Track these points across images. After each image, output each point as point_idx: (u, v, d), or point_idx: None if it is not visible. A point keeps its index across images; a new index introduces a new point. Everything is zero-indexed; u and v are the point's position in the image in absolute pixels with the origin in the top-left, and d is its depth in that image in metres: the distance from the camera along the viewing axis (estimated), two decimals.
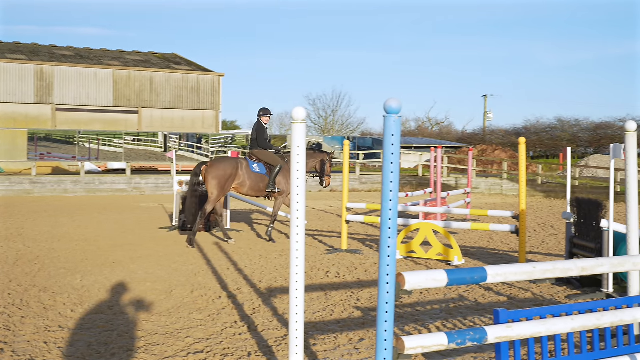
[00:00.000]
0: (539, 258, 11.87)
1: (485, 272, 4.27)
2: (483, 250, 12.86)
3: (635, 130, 6.58)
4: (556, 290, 9.05)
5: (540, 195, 29.04)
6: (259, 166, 13.69)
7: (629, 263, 5.02)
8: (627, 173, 6.60)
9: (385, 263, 3.97)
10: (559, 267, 4.56)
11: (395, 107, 3.96)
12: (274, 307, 7.93)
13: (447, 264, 10.98)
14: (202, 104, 47.75)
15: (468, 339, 4.18)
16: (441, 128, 78.03)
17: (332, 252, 12.11)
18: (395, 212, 4.00)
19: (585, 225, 9.36)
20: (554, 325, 4.56)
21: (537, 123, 64.51)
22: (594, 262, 4.77)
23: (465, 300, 8.42)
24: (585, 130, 60.56)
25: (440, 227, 11.41)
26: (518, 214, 10.70)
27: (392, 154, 3.99)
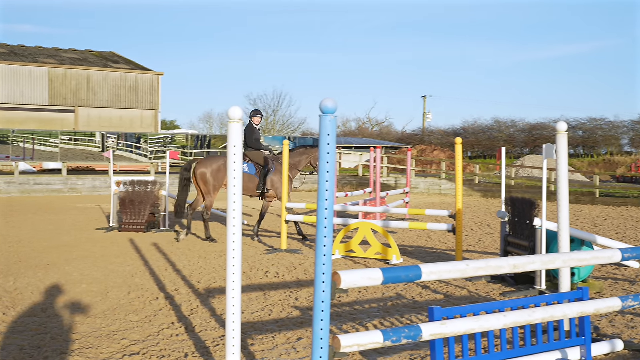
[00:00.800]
0: (475, 256, 12.07)
1: (420, 271, 4.33)
2: (421, 249, 13.01)
3: (566, 131, 6.75)
4: (491, 288, 9.22)
5: (477, 194, 29.52)
6: (249, 166, 13.79)
7: (559, 260, 5.15)
8: (558, 173, 6.77)
9: (321, 262, 4.00)
10: (492, 265, 4.66)
11: (331, 107, 3.97)
12: (213, 307, 7.88)
13: (386, 262, 11.08)
14: (140, 103, 47.13)
15: (403, 336, 4.24)
16: (381, 128, 78.63)
17: (271, 252, 12.10)
18: (331, 211, 4.02)
19: (519, 224, 9.56)
20: (486, 322, 4.66)
21: (475, 124, 65.57)
22: (525, 259, 4.88)
23: (403, 298, 8.51)
24: (521, 131, 61.78)
25: (379, 226, 11.50)
26: (455, 213, 10.86)
27: (328, 154, 4.01)
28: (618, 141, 59.69)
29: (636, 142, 58.44)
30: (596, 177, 27.25)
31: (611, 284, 9.57)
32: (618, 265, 10.79)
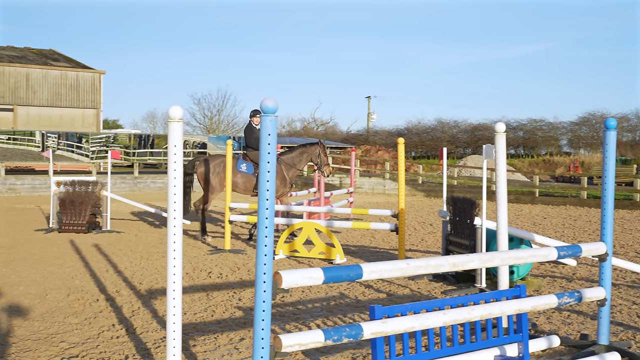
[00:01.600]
0: (418, 255, 12.20)
1: (361, 270, 4.35)
2: (365, 248, 13.10)
3: (504, 131, 6.87)
4: (433, 286, 9.33)
5: (421, 194, 29.84)
6: (248, 166, 13.84)
7: (497, 259, 5.24)
8: (497, 173, 6.88)
9: (262, 262, 3.99)
10: (432, 264, 4.72)
11: (272, 106, 3.98)
12: (154, 308, 7.80)
13: (330, 262, 11.12)
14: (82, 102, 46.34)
15: (344, 335, 4.26)
16: (326, 128, 78.83)
17: (215, 252, 12.03)
18: (272, 211, 4.02)
19: (460, 223, 9.71)
20: (426, 319, 4.71)
21: (419, 124, 66.25)
22: (464, 258, 4.96)
23: (346, 297, 8.56)
24: (463, 132, 62.69)
25: (323, 226, 11.53)
26: (398, 213, 10.96)
27: (269, 154, 4.01)
28: (557, 142, 61.04)
29: (574, 143, 59.85)
30: (536, 177, 27.81)
31: (549, 281, 9.78)
32: (556, 263, 11.04)
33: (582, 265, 11.02)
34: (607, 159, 6.02)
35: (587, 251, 5.83)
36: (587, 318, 7.55)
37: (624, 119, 57.12)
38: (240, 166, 13.83)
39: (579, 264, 11.04)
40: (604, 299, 5.89)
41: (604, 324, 6.02)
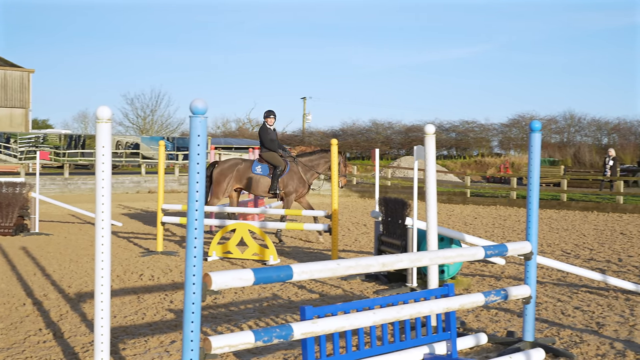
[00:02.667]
0: (351, 255, 12.29)
1: (291, 270, 4.37)
2: (299, 249, 13.13)
3: (434, 133, 6.99)
4: (365, 286, 9.42)
5: (355, 195, 30.05)
6: (263, 168, 13.88)
7: (426, 258, 5.33)
8: (427, 173, 6.99)
9: (191, 264, 3.97)
10: (362, 264, 4.77)
11: (201, 107, 3.96)
12: (83, 312, 7.66)
13: (263, 263, 11.11)
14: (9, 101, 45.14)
15: (274, 336, 4.27)
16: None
17: (147, 254, 11.88)
18: (201, 212, 4.01)
19: (392, 224, 9.82)
20: (357, 319, 4.75)
21: (354, 125, 66.64)
22: (394, 258, 5.02)
23: (278, 298, 8.56)
24: (397, 133, 63.36)
25: (257, 227, 11.51)
26: (331, 214, 11.03)
27: (199, 155, 3.99)
28: (488, 143, 62.21)
29: (505, 144, 61.11)
30: (467, 178, 28.32)
31: (479, 280, 9.98)
32: (485, 262, 11.27)
33: (511, 264, 11.27)
34: (532, 160, 6.17)
35: (513, 250, 5.97)
36: (514, 315, 7.73)
37: (552, 121, 58.64)
38: (255, 168, 13.96)
39: (508, 263, 11.29)
40: (529, 296, 6.05)
41: (529, 321, 6.18)
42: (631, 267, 11.08)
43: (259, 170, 13.90)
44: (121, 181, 30.39)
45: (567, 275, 10.22)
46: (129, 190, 29.81)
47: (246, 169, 13.98)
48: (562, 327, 7.23)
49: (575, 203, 23.60)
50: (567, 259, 11.76)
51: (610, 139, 55.65)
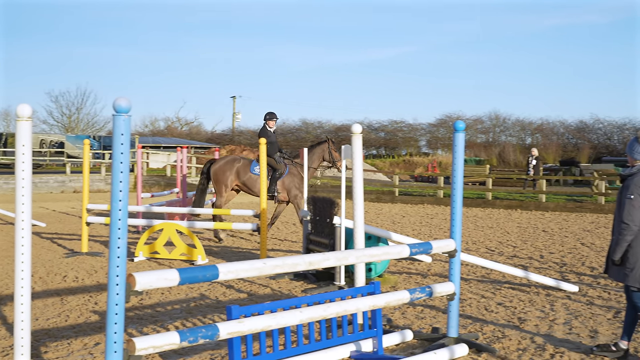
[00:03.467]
0: (280, 255, 12.29)
1: (217, 270, 4.35)
2: (227, 249, 13.06)
3: (361, 132, 7.05)
4: (294, 285, 9.44)
5: None
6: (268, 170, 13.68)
7: (352, 256, 5.38)
8: (354, 172, 7.05)
9: (114, 264, 3.92)
10: (288, 263, 4.78)
11: (125, 106, 3.91)
12: (3, 315, 7.46)
13: (191, 263, 11.01)
14: None
15: (200, 336, 4.24)
16: (191, 128, 77.83)
17: (71, 255, 11.64)
18: (125, 212, 3.95)
19: (320, 222, 9.87)
20: (283, 318, 4.77)
21: (284, 125, 66.62)
22: (320, 256, 5.06)
23: (206, 298, 8.51)
24: (327, 132, 63.58)
25: (184, 227, 11.41)
26: (260, 213, 11.01)
27: (122, 154, 3.94)
28: (417, 142, 63.11)
29: (433, 144, 62.10)
30: (396, 177, 28.66)
31: (405, 277, 10.12)
32: (412, 260, 11.43)
33: (437, 261, 11.46)
34: (456, 159, 6.30)
35: (438, 248, 6.08)
36: (439, 312, 7.87)
37: (478, 121, 59.84)
38: (254, 169, 13.88)
39: (434, 260, 11.48)
40: (453, 293, 6.17)
41: (453, 317, 6.31)
42: (552, 264, 11.41)
43: (257, 171, 13.80)
44: (45, 180, 29.66)
45: (491, 272, 10.45)
46: (53, 190, 29.12)
47: (245, 168, 13.92)
48: (485, 322, 7.40)
49: (500, 201, 24.14)
50: (491, 256, 12.03)
51: (534, 139, 57.14)
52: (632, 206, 5.83)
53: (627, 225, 5.83)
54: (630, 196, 5.85)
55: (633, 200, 5.83)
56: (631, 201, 5.84)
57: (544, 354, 6.24)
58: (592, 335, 6.89)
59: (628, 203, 5.85)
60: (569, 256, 12.20)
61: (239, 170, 13.91)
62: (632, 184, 5.89)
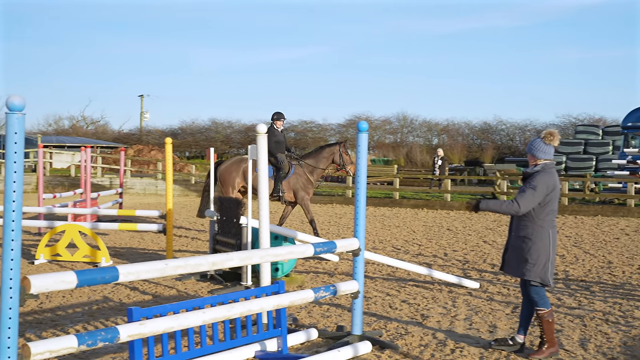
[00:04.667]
0: (187, 256, 12.16)
1: (117, 271, 4.28)
2: (133, 250, 12.84)
3: (266, 132, 7.06)
4: (200, 286, 9.37)
5: (194, 194, 29.72)
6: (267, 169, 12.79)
7: (257, 256, 5.38)
8: (259, 172, 7.06)
9: (8, 267, 3.80)
10: (191, 263, 4.74)
11: (18, 104, 3.80)
12: None
13: (95, 265, 10.77)
14: None
15: (100, 339, 4.16)
16: (97, 127, 76.03)
17: None
18: (19, 213, 3.84)
19: (227, 223, 9.82)
20: (186, 319, 4.73)
21: (193, 124, 65.91)
22: (224, 257, 5.04)
23: (110, 301, 8.34)
24: (237, 132, 63.34)
25: (87, 228, 11.15)
26: (165, 213, 10.87)
27: (16, 153, 3.83)
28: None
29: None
30: None
31: (313, 277, 10.19)
32: (320, 260, 11.51)
33: (345, 260, 11.58)
34: (359, 159, 6.38)
35: (342, 247, 6.15)
36: (344, 310, 7.96)
37: (386, 122, 60.75)
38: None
39: (342, 259, 11.60)
40: (357, 291, 6.25)
41: (357, 315, 6.39)
42: (455, 261, 11.71)
43: None
44: None
45: (397, 270, 10.63)
46: None
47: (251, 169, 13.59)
48: (389, 320, 7.53)
49: (407, 201, 24.58)
50: (397, 255, 12.25)
51: (440, 140, 58.42)
52: (533, 195, 6.04)
53: (517, 207, 6.02)
54: (535, 186, 6.05)
55: (535, 191, 6.04)
56: (533, 191, 6.04)
57: (445, 349, 6.40)
58: (491, 330, 7.12)
59: (530, 192, 6.04)
60: (472, 254, 12.55)
61: (245, 170, 13.68)
62: (538, 178, 6.10)
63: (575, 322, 7.45)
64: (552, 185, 6.13)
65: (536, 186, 6.05)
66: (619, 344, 6.62)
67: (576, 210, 20.85)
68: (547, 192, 6.09)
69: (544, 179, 6.10)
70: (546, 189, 6.08)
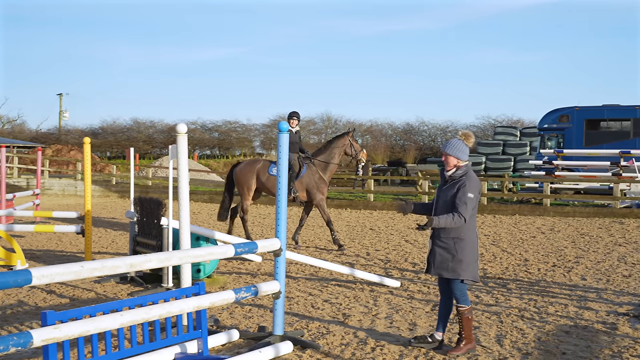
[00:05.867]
0: (107, 257, 11.92)
1: (30, 274, 4.16)
2: (50, 252, 12.50)
3: (186, 132, 6.99)
4: (120, 289, 9.20)
5: (115, 195, 29.19)
6: None
7: (176, 257, 5.31)
8: (179, 173, 6.98)
9: None
10: (107, 265, 4.65)
11: None
12: None
13: (10, 268, 10.44)
14: None
15: (12, 344, 4.04)
16: (13, 126, 73.79)
17: None
18: None
19: (148, 224, 9.68)
20: (103, 322, 4.63)
21: (114, 124, 64.71)
22: (142, 258, 4.96)
23: (25, 305, 8.11)
24: (160, 132, 62.49)
25: (2, 230, 10.80)
26: (84, 215, 10.64)
27: None
28: (251, 143, 63.33)
29: (267, 144, 62.54)
30: None
31: (235, 277, 10.13)
32: (243, 260, 11.45)
33: (269, 261, 11.55)
34: (280, 159, 6.39)
35: (263, 247, 6.14)
36: (267, 311, 7.94)
37: (310, 122, 60.97)
38: (272, 170, 13.37)
39: (265, 260, 11.57)
40: (279, 291, 6.25)
41: (278, 316, 6.39)
42: (377, 260, 11.83)
43: (274, 172, 13.33)
44: None
45: (319, 270, 10.67)
46: None
47: (264, 169, 13.51)
48: (311, 319, 7.55)
49: (331, 201, 24.67)
50: (319, 255, 12.29)
51: (364, 140, 58.96)
52: (471, 203, 6.16)
53: (462, 220, 6.13)
54: (470, 195, 6.17)
55: (473, 199, 6.17)
56: (472, 200, 6.17)
57: (366, 347, 6.46)
58: (411, 328, 7.22)
59: (469, 201, 6.16)
60: (394, 253, 12.70)
61: (259, 171, 13.53)
62: (470, 185, 6.20)
63: (492, 319, 7.62)
64: (480, 188, 6.30)
65: (473, 195, 6.18)
66: (534, 339, 6.81)
67: (495, 210, 21.33)
68: (479, 195, 6.26)
69: (475, 184, 6.24)
70: (479, 193, 6.26)
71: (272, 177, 13.46)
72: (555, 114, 29.28)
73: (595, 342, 6.76)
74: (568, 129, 28.64)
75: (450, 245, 6.25)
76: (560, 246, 13.59)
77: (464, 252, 6.22)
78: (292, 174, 13.31)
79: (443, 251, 6.28)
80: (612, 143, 27.34)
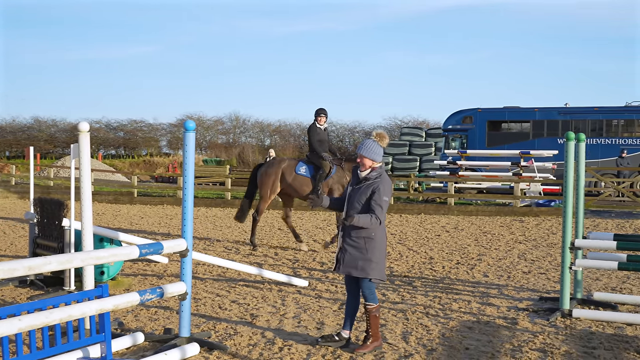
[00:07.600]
0: (5, 260, 11.48)
1: None
2: None
3: (88, 131, 6.80)
4: (19, 293, 8.89)
5: (14, 196, 28.17)
6: (308, 168, 12.43)
7: (77, 259, 5.16)
8: (81, 172, 6.79)
9: None
10: (4, 268, 4.47)
11: None
12: None
13: None
14: None
15: None
16: None
17: None
18: None
19: (48, 225, 9.37)
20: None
21: (14, 122, 62.56)
22: (41, 260, 4.79)
23: None
24: (62, 131, 60.83)
25: None
26: None
27: None
28: (157, 143, 62.48)
29: (174, 144, 61.79)
30: (134, 177, 28.06)
31: (141, 279, 9.94)
32: (149, 262, 11.25)
33: (175, 262, 11.38)
34: (187, 159, 6.31)
35: (169, 248, 6.04)
36: (173, 313, 7.82)
37: (218, 122, 60.63)
38: (299, 169, 12.80)
39: (172, 261, 11.39)
40: (185, 293, 6.16)
41: (185, 317, 6.30)
42: (286, 260, 11.83)
43: (303, 171, 12.85)
44: None
45: (227, 270, 10.58)
46: None
47: (290, 169, 12.90)
48: (219, 320, 7.48)
49: (239, 201, 24.43)
50: (227, 255, 12.20)
51: (272, 140, 59.04)
52: (386, 205, 6.28)
53: (378, 222, 6.20)
54: (385, 198, 6.24)
55: (387, 201, 6.28)
56: (386, 202, 6.27)
57: (273, 347, 6.45)
58: (318, 327, 7.25)
59: (384, 204, 6.23)
60: (301, 253, 12.73)
61: (284, 171, 12.94)
62: (384, 187, 6.26)
63: (398, 317, 7.74)
64: (392, 189, 6.40)
65: (387, 198, 6.26)
66: (438, 336, 6.95)
67: (401, 209, 21.68)
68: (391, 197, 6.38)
69: (389, 187, 6.34)
70: (391, 194, 6.35)
71: (300, 176, 13.06)
72: (459, 115, 30.05)
73: (497, 336, 6.96)
74: (471, 130, 29.45)
75: (361, 245, 6.30)
76: (463, 244, 13.94)
77: (374, 251, 6.29)
78: (322, 173, 12.91)
79: (353, 250, 6.32)
80: (513, 144, 28.29)
